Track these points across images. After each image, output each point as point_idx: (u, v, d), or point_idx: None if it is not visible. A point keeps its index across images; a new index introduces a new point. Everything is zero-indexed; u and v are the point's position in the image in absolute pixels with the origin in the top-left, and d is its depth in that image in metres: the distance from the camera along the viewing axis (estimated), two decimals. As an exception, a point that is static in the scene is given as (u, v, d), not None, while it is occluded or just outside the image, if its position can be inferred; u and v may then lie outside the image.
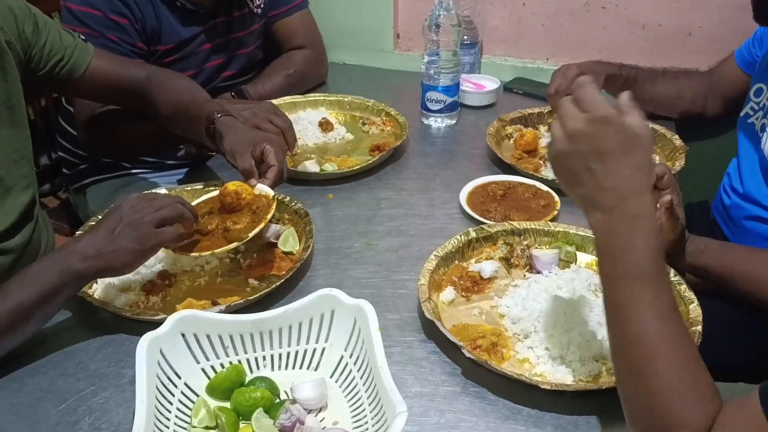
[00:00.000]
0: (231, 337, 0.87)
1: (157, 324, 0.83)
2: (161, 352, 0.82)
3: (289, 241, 1.12)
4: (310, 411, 0.82)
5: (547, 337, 0.92)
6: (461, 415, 0.83)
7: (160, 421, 0.76)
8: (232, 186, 1.04)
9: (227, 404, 0.83)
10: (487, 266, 1.05)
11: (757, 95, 1.33)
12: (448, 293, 1.01)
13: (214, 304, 0.99)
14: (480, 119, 1.57)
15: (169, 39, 1.45)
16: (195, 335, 0.85)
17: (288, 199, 1.20)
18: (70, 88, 1.19)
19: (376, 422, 0.77)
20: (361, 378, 0.84)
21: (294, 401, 0.82)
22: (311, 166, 1.33)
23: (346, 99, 1.60)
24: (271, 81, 1.61)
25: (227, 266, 1.09)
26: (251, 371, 0.88)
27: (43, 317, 0.90)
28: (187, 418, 0.80)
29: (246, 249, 1.12)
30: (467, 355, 0.87)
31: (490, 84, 1.66)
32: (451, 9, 1.43)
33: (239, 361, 0.87)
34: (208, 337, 0.86)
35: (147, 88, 1.22)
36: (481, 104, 1.64)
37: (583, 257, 1.09)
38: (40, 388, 0.87)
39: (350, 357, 0.87)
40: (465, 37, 1.72)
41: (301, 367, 0.89)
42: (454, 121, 1.56)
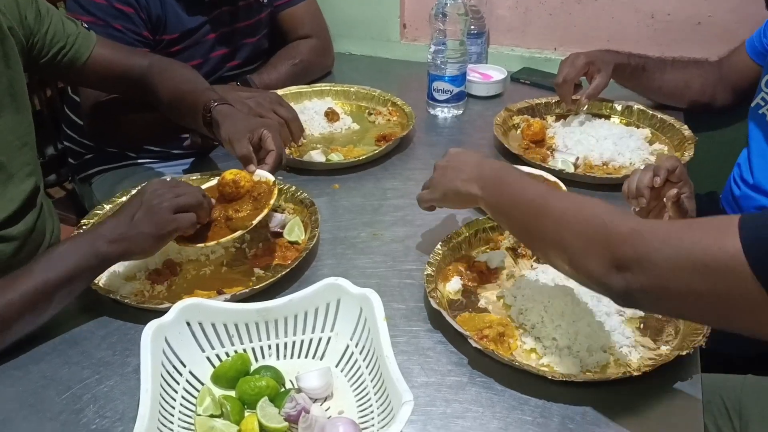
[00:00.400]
0: (236, 326, 0.87)
1: (162, 313, 0.83)
2: (166, 340, 0.81)
3: (294, 230, 1.11)
4: (315, 400, 0.82)
5: (555, 327, 0.91)
6: (468, 405, 0.82)
7: (165, 410, 0.76)
8: (230, 175, 1.02)
9: (232, 393, 0.82)
10: (494, 256, 1.05)
11: (768, 85, 1.31)
12: (454, 283, 1.01)
13: (219, 293, 0.98)
14: (487, 109, 1.56)
15: (174, 28, 1.44)
16: (200, 324, 0.85)
17: (294, 188, 1.20)
18: (73, 76, 1.18)
19: (382, 411, 0.76)
20: (366, 367, 0.83)
21: (299, 390, 0.81)
22: (317, 156, 1.32)
23: (352, 89, 1.59)
24: (276, 71, 1.60)
25: (232, 255, 1.08)
26: (256, 360, 0.87)
27: (65, 297, 0.90)
28: (192, 407, 0.80)
29: (251, 238, 1.11)
30: (474, 345, 0.86)
31: (497, 74, 1.64)
32: (458, -2, 1.41)
33: (244, 350, 0.87)
34: (213, 325, 0.86)
35: (149, 77, 1.22)
36: (488, 94, 1.63)
37: (590, 247, 1.08)
38: (44, 376, 0.86)
39: (356, 346, 0.86)
40: (472, 26, 1.70)
41: (306, 357, 0.89)
42: (460, 111, 1.55)
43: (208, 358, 0.85)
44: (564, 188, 1.20)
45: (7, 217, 1.01)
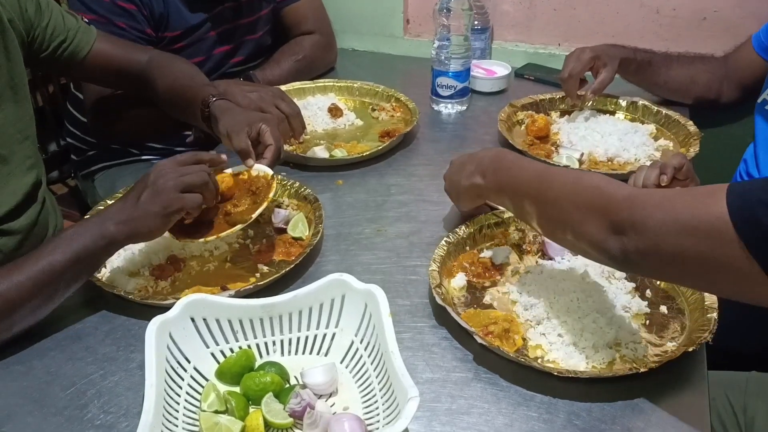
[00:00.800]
0: (241, 322, 0.86)
1: (166, 308, 0.82)
2: (170, 335, 0.81)
3: (298, 226, 1.11)
4: (320, 396, 0.81)
5: (560, 323, 0.91)
6: (473, 401, 0.82)
7: (170, 405, 0.76)
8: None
9: (237, 389, 0.82)
10: (498, 252, 1.04)
11: (775, 81, 1.30)
12: (459, 279, 1.00)
13: (223, 289, 0.98)
14: (491, 105, 1.55)
15: (176, 25, 1.44)
16: (204, 319, 0.85)
17: (297, 184, 1.19)
18: (73, 70, 1.19)
19: (387, 407, 0.76)
20: (371, 363, 0.83)
21: (304, 386, 0.81)
22: (320, 152, 1.32)
23: (355, 85, 1.58)
24: (279, 67, 1.60)
25: (236, 251, 1.08)
26: (261, 356, 0.87)
27: (73, 281, 0.90)
28: (197, 402, 0.80)
29: (255, 234, 1.11)
30: (479, 341, 0.85)
31: (501, 70, 1.64)
32: (462, -7, 1.41)
33: (249, 346, 0.87)
34: (217, 321, 0.86)
35: (148, 72, 1.22)
36: (492, 90, 1.62)
37: (596, 243, 1.08)
38: (48, 371, 0.86)
39: (361, 342, 0.86)
40: (476, 22, 1.70)
41: (311, 353, 0.88)
42: (464, 107, 1.55)
43: (212, 354, 0.85)
44: None
45: (9, 210, 1.01)
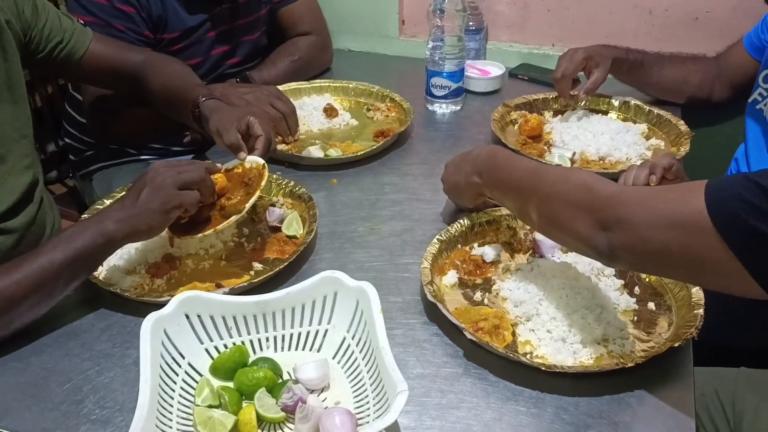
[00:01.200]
0: (234, 318, 0.88)
1: (162, 305, 0.84)
2: (165, 332, 0.82)
3: (292, 225, 1.12)
4: (312, 391, 0.83)
5: (549, 319, 0.92)
6: (462, 396, 0.83)
7: (164, 400, 0.77)
8: None
9: (230, 384, 0.83)
10: (489, 250, 1.06)
11: (766, 81, 1.32)
12: (450, 277, 1.02)
13: (218, 286, 0.99)
14: (485, 105, 1.57)
15: (175, 27, 1.45)
16: (199, 316, 0.86)
17: (292, 184, 1.21)
18: (70, 71, 1.20)
19: (378, 401, 0.77)
20: (363, 359, 0.84)
21: (296, 381, 0.83)
22: (315, 152, 1.33)
23: (350, 85, 1.60)
24: (276, 67, 1.61)
25: (231, 250, 1.10)
26: (254, 352, 0.89)
27: (72, 279, 0.91)
28: (191, 397, 0.81)
29: (250, 233, 1.13)
30: (469, 337, 0.87)
31: (496, 70, 1.65)
32: (456, -6, 1.42)
33: (243, 342, 0.88)
34: (211, 317, 0.87)
35: (143, 73, 1.23)
36: (487, 90, 1.63)
37: (586, 241, 1.09)
38: (45, 367, 0.88)
39: (352, 338, 0.87)
40: (470, 22, 1.71)
41: (304, 349, 0.90)
42: (459, 107, 1.56)
43: (206, 350, 0.87)
44: None
45: (6, 209, 1.03)
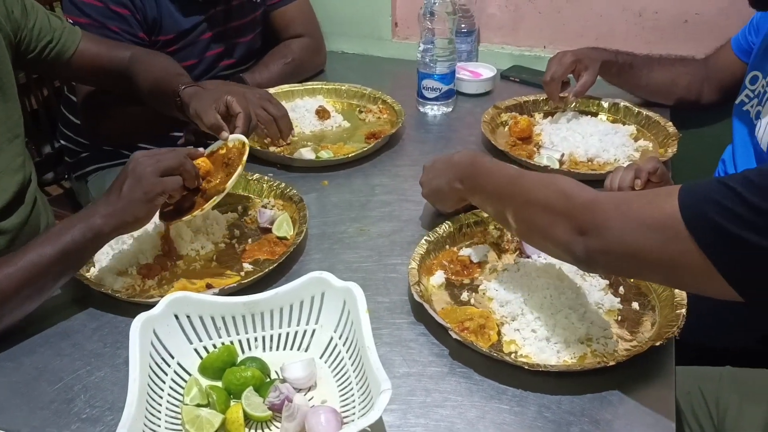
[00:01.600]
0: (223, 319, 0.89)
1: (152, 306, 0.85)
2: (155, 332, 0.84)
3: (283, 226, 1.14)
4: (299, 390, 0.84)
5: (534, 319, 0.93)
6: (447, 395, 0.85)
7: (153, 399, 0.79)
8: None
9: (219, 383, 0.85)
10: (477, 250, 1.07)
11: (753, 83, 1.33)
12: (438, 277, 1.03)
13: (208, 287, 1.01)
14: (476, 107, 1.58)
15: (169, 29, 1.47)
16: (188, 316, 0.87)
17: (283, 185, 1.22)
18: (60, 70, 1.22)
19: (363, 400, 0.79)
20: (349, 358, 0.85)
21: (284, 380, 0.84)
22: (307, 154, 1.34)
23: (343, 87, 1.61)
24: (269, 69, 1.63)
25: (222, 251, 1.11)
26: (243, 352, 0.90)
27: (62, 274, 0.92)
28: (180, 396, 0.83)
29: (240, 234, 1.14)
30: (454, 336, 0.88)
31: (487, 72, 1.67)
32: (447, -3, 1.43)
33: (231, 342, 0.89)
34: (200, 318, 0.88)
35: (130, 69, 1.25)
36: (478, 92, 1.65)
37: (572, 242, 1.10)
38: (36, 367, 0.89)
39: (339, 338, 0.88)
40: (462, 25, 1.73)
41: (291, 348, 0.91)
42: (450, 109, 1.57)
43: (195, 350, 0.88)
44: None
45: None
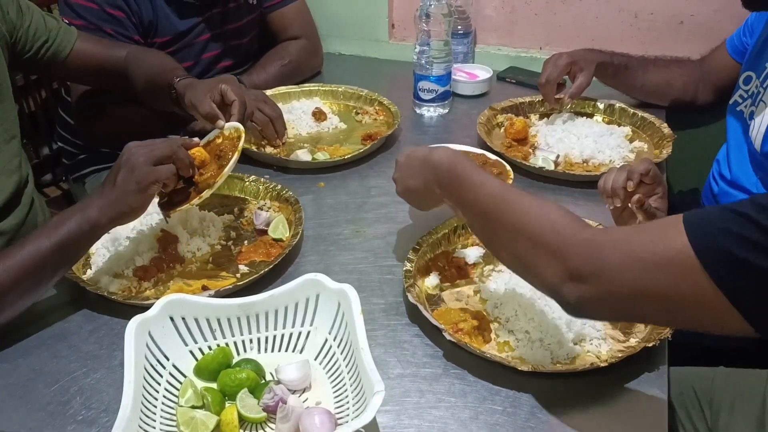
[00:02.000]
0: (218, 321, 0.90)
1: (148, 308, 0.86)
2: (150, 334, 0.84)
3: (279, 228, 1.14)
4: (294, 391, 0.85)
5: (528, 320, 0.94)
6: (441, 396, 0.85)
7: (148, 400, 0.79)
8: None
9: (214, 385, 0.85)
10: (471, 252, 1.07)
11: (747, 83, 1.33)
12: (433, 279, 1.04)
13: (204, 289, 1.01)
14: (473, 108, 1.58)
15: (165, 31, 1.47)
16: (183, 318, 0.88)
17: (279, 187, 1.23)
18: (56, 70, 1.23)
19: (357, 401, 0.79)
20: (344, 360, 0.86)
21: (278, 382, 0.84)
22: (303, 155, 1.35)
23: (339, 89, 1.61)
24: (266, 71, 1.63)
25: (218, 253, 1.11)
26: (238, 353, 0.90)
27: (59, 266, 0.93)
28: (175, 398, 0.83)
29: (236, 236, 1.14)
30: (448, 338, 0.89)
31: (483, 73, 1.67)
32: (443, -1, 1.44)
33: (226, 344, 0.90)
34: (196, 320, 0.89)
35: (126, 68, 1.26)
36: (474, 93, 1.65)
37: (567, 243, 1.11)
38: (33, 369, 0.89)
39: (334, 340, 0.89)
40: (458, 26, 1.73)
41: (286, 350, 0.92)
42: (446, 110, 1.58)
43: (191, 352, 0.88)
44: (509, 168, 1.23)
45: None
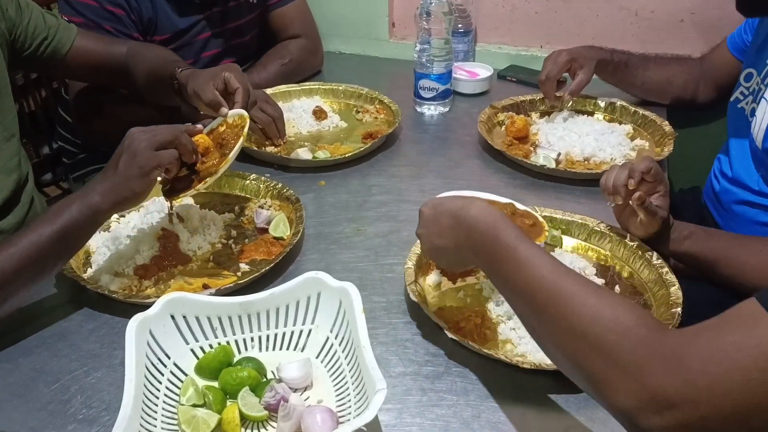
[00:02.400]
0: (219, 319, 0.89)
1: (149, 307, 0.85)
2: (151, 332, 0.84)
3: (279, 226, 1.14)
4: (295, 390, 0.84)
5: (530, 318, 0.93)
6: (443, 394, 0.85)
7: (149, 399, 0.79)
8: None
9: (215, 383, 0.85)
10: (473, 250, 1.07)
11: (747, 80, 1.33)
12: (434, 277, 1.03)
13: (205, 287, 1.01)
14: (473, 107, 1.58)
15: (165, 29, 1.47)
16: (184, 317, 0.88)
17: (280, 185, 1.22)
18: (56, 68, 1.22)
19: (359, 400, 0.79)
20: (345, 358, 0.86)
21: (280, 380, 0.84)
22: (303, 154, 1.35)
23: (340, 87, 1.61)
24: (266, 70, 1.63)
25: (219, 251, 1.11)
26: (239, 352, 0.90)
27: (62, 254, 0.92)
28: (176, 397, 0.83)
29: (237, 235, 1.14)
30: (450, 336, 0.88)
31: (484, 72, 1.67)
32: (443, -3, 1.44)
33: (227, 342, 0.89)
34: (197, 318, 0.88)
35: (127, 63, 1.26)
36: (475, 92, 1.65)
37: (568, 241, 1.11)
38: (33, 368, 0.89)
39: (336, 338, 0.89)
40: (459, 25, 1.73)
41: (288, 348, 0.91)
42: (447, 109, 1.58)
43: (192, 350, 0.88)
44: (541, 219, 0.99)
45: None
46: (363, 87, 1.60)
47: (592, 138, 1.38)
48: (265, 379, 0.86)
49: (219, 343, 0.89)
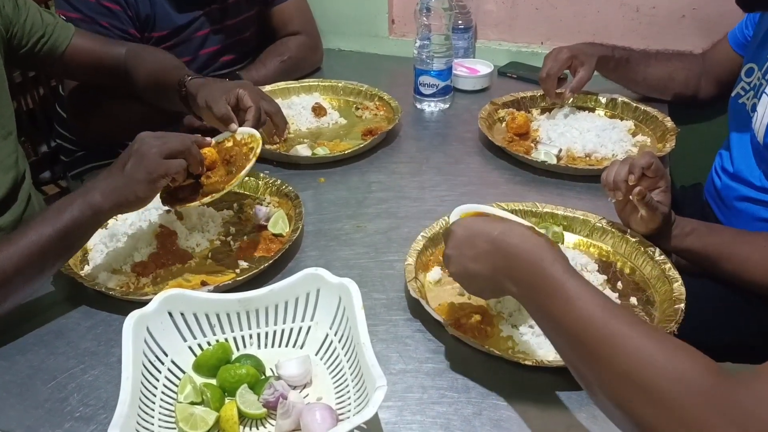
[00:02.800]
0: (218, 316, 0.88)
1: (146, 304, 0.84)
2: (148, 329, 0.83)
3: (278, 223, 1.13)
4: (295, 387, 0.83)
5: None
6: (444, 391, 0.84)
7: (146, 397, 0.78)
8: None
9: (213, 381, 0.84)
10: (473, 247, 1.06)
11: (748, 75, 1.32)
12: (434, 273, 1.02)
13: (203, 284, 1.00)
14: (473, 103, 1.57)
15: (163, 25, 1.46)
16: (182, 314, 0.87)
17: (279, 182, 1.22)
18: (53, 66, 1.22)
19: (358, 397, 0.78)
20: (345, 355, 0.85)
21: (279, 378, 0.83)
22: (303, 151, 1.34)
23: (339, 84, 1.60)
24: (265, 67, 1.62)
25: (217, 248, 1.10)
26: (238, 349, 0.89)
27: (62, 253, 0.92)
28: (174, 394, 0.82)
29: (236, 231, 1.13)
30: (451, 332, 0.88)
31: (484, 68, 1.66)
32: (443, -7, 1.43)
33: (226, 339, 0.89)
34: (195, 315, 0.88)
35: (127, 65, 1.25)
36: (475, 88, 1.64)
37: (570, 237, 1.10)
38: (30, 366, 0.88)
39: (335, 335, 0.88)
40: (459, 21, 1.72)
41: (287, 345, 0.90)
42: (447, 105, 1.57)
43: (189, 348, 0.87)
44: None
45: None
46: (363, 84, 1.59)
47: (594, 134, 1.37)
48: (263, 377, 0.85)
49: (217, 340, 0.88)
